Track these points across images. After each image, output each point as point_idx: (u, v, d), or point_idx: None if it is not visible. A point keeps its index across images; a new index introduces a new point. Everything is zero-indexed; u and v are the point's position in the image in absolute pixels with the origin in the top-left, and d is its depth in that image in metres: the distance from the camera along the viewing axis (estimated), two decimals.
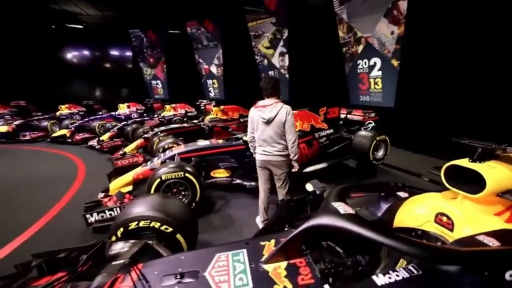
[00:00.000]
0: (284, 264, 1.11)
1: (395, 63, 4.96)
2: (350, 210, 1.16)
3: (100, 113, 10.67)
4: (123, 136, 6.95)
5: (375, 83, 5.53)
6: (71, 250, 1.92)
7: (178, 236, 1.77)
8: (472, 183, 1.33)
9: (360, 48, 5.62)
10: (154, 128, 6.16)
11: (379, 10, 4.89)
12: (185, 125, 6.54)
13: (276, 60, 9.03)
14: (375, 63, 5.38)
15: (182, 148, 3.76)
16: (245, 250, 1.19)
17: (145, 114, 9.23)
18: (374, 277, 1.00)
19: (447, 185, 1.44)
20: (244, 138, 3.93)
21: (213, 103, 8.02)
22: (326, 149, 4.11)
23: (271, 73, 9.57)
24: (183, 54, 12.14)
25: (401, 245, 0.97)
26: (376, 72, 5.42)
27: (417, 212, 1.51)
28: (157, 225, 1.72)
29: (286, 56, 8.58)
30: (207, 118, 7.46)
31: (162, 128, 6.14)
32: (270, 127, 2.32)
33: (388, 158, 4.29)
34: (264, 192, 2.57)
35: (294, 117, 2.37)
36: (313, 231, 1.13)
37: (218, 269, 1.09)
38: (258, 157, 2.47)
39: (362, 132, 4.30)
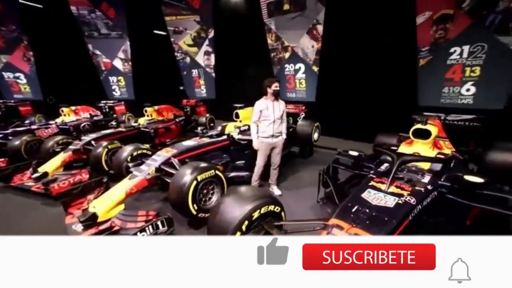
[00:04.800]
0: (393, 187, 1.91)
1: (315, 68, 6.63)
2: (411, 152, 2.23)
3: None
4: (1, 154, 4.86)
5: (300, 83, 7.08)
6: None
7: (282, 214, 2.06)
8: (420, 135, 2.67)
9: (287, 54, 6.96)
10: (81, 138, 4.83)
11: (302, 27, 6.33)
12: (122, 129, 5.57)
13: (200, 59, 8.98)
14: (300, 68, 6.88)
15: (173, 150, 3.52)
16: (370, 189, 1.90)
17: (27, 121, 6.57)
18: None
19: (413, 138, 2.74)
20: (232, 134, 4.19)
21: (147, 105, 6.80)
22: None
23: (194, 71, 9.42)
24: (65, 40, 9.27)
25: (434, 159, 2.20)
26: (300, 75, 6.95)
27: None
28: (272, 207, 1.94)
29: (212, 56, 8.76)
30: (142, 119, 6.54)
31: (94, 135, 4.95)
32: None
33: None
34: None
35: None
36: (401, 166, 2.05)
37: (374, 199, 1.75)
38: None
39: (302, 122, 5.59)
